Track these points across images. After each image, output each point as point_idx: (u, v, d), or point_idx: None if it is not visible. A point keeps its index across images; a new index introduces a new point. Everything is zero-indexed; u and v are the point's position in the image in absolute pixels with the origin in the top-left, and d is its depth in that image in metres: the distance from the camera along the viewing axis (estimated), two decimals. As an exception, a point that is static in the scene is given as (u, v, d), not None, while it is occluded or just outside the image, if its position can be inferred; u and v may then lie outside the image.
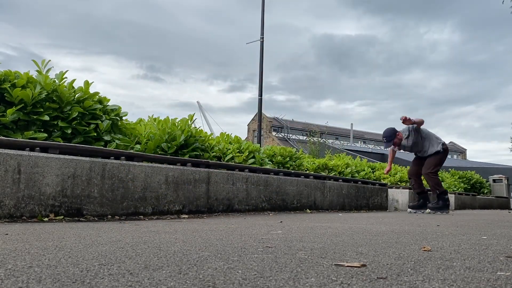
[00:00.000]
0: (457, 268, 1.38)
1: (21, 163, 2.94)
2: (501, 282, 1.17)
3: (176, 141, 4.82)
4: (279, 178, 5.44)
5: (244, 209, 4.83)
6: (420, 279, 1.19)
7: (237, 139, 6.30)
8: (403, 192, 8.93)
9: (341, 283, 1.11)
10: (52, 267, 1.23)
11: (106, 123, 4.22)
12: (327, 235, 2.40)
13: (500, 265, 1.46)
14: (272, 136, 42.91)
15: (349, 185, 6.97)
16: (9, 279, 1.07)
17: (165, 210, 3.91)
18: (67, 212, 3.18)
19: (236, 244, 1.89)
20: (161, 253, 1.57)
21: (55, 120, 3.87)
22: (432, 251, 1.81)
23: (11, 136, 3.55)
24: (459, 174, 15.38)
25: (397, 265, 1.41)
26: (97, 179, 3.38)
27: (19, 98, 3.67)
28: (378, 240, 2.22)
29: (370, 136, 52.03)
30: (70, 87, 4.14)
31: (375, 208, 7.63)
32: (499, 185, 16.74)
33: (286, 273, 1.23)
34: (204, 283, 1.08)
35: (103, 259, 1.40)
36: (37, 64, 4.12)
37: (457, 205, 11.49)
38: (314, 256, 1.57)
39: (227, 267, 1.30)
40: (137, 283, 1.07)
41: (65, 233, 2.16)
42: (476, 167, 27.04)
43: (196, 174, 4.25)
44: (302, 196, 5.84)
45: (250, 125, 44.87)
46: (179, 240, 2.00)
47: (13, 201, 2.88)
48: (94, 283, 1.05)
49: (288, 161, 7.33)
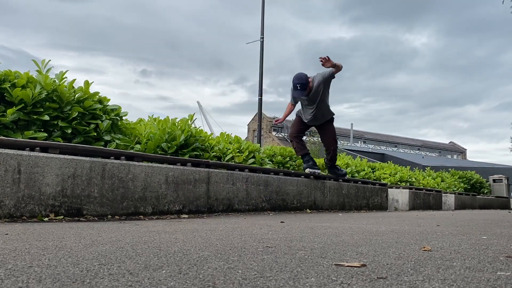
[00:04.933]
0: (457, 268, 1.38)
1: (21, 163, 2.94)
2: (501, 282, 1.17)
3: (176, 141, 4.82)
4: (279, 178, 5.44)
5: (244, 209, 4.83)
6: (420, 279, 1.19)
7: (237, 139, 6.30)
8: (403, 192, 8.93)
9: (341, 283, 1.11)
10: (52, 267, 1.23)
11: (106, 123, 4.22)
12: (327, 235, 2.40)
13: (500, 265, 1.46)
14: (272, 136, 42.91)
15: (349, 185, 6.97)
16: (9, 279, 1.07)
17: (165, 210, 3.91)
18: (67, 212, 3.18)
19: (236, 244, 1.89)
20: (161, 253, 1.57)
21: (55, 120, 3.87)
22: (432, 251, 1.81)
23: (11, 136, 3.55)
24: (459, 174, 15.38)
25: (397, 265, 1.41)
26: (97, 179, 3.38)
27: (19, 98, 3.66)
28: (378, 240, 2.22)
29: (370, 136, 52.03)
30: (70, 87, 4.14)
31: (375, 208, 7.63)
32: (499, 185, 16.76)
33: (286, 273, 1.22)
34: (204, 283, 1.08)
35: (103, 259, 1.40)
36: (37, 64, 4.12)
37: (457, 205, 11.49)
38: (314, 256, 1.57)
39: (227, 267, 1.30)
40: (137, 283, 1.07)
41: (65, 233, 2.15)
42: (476, 167, 27.04)
43: (196, 174, 4.25)
44: (302, 196, 5.84)
45: (250, 125, 44.86)
46: (179, 240, 2.00)
47: (13, 201, 2.88)
48: (94, 283, 1.05)
49: (288, 161, 7.33)
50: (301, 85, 5.38)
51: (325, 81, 5.50)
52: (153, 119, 5.23)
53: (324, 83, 5.51)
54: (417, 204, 9.19)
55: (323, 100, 5.65)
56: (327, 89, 5.63)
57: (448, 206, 11.24)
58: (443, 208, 10.76)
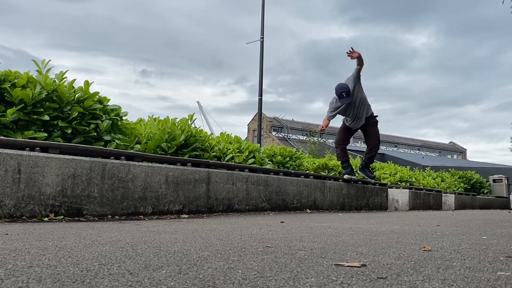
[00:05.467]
0: (457, 268, 1.38)
1: (21, 163, 2.94)
2: (501, 282, 1.17)
3: (176, 141, 4.82)
4: (279, 178, 5.44)
5: (244, 209, 4.83)
6: (420, 279, 1.19)
7: (237, 139, 6.30)
8: (403, 192, 8.93)
9: (341, 283, 1.11)
10: (52, 267, 1.23)
11: (106, 123, 4.22)
12: (327, 235, 2.40)
13: (500, 265, 1.46)
14: (272, 136, 42.90)
15: (349, 185, 6.97)
16: (9, 279, 1.07)
17: (165, 210, 3.91)
18: (67, 212, 3.17)
19: (236, 244, 1.89)
20: (161, 253, 1.57)
21: (55, 120, 3.87)
22: (432, 251, 1.81)
23: (11, 136, 3.55)
24: (459, 174, 15.38)
25: (397, 265, 1.41)
26: (97, 179, 3.38)
27: (19, 98, 3.66)
28: (378, 240, 2.22)
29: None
30: (70, 87, 4.14)
31: (375, 208, 7.63)
32: (499, 185, 16.76)
33: (286, 273, 1.22)
34: (204, 283, 1.08)
35: (103, 259, 1.40)
36: (37, 64, 4.11)
37: (457, 205, 11.49)
38: (314, 256, 1.57)
39: (227, 267, 1.30)
40: (137, 283, 1.07)
41: (65, 233, 2.15)
42: (476, 167, 27.04)
43: (196, 174, 4.25)
44: (302, 196, 5.84)
45: (250, 125, 44.86)
46: (179, 240, 2.00)
47: (13, 201, 2.88)
48: (94, 283, 1.05)
49: (288, 161, 7.33)
50: (346, 92, 6.04)
51: (355, 82, 6.08)
52: (153, 119, 5.23)
53: (356, 84, 6.09)
54: (417, 204, 9.19)
55: (359, 98, 6.18)
56: (361, 89, 6.17)
57: (448, 206, 11.24)
58: (443, 208, 10.76)
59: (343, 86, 6.01)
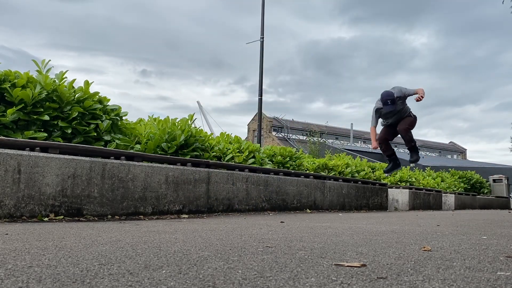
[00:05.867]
0: (457, 268, 1.38)
1: (21, 163, 2.94)
2: (501, 282, 1.17)
3: (176, 141, 4.82)
4: (279, 178, 5.44)
5: (244, 209, 4.83)
6: (420, 279, 1.19)
7: (237, 139, 6.29)
8: (403, 192, 8.93)
9: (341, 283, 1.11)
10: (52, 267, 1.23)
11: (106, 123, 4.22)
12: (327, 235, 2.40)
13: (500, 265, 1.46)
14: (272, 136, 42.90)
15: (349, 185, 6.97)
16: (9, 279, 1.07)
17: (165, 210, 3.91)
18: (67, 212, 3.17)
19: (236, 244, 1.89)
20: (161, 253, 1.57)
21: (55, 120, 3.87)
22: (432, 251, 1.81)
23: (11, 136, 3.55)
24: (459, 174, 15.38)
25: (397, 265, 1.41)
26: (97, 179, 3.38)
27: (19, 98, 3.66)
28: (378, 240, 2.22)
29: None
30: (70, 87, 4.14)
31: (375, 208, 7.63)
32: (499, 185, 16.76)
33: (286, 273, 1.22)
34: (204, 283, 1.08)
35: (103, 259, 1.40)
36: (37, 64, 4.11)
37: (457, 205, 11.49)
38: (314, 256, 1.57)
39: (227, 267, 1.30)
40: (137, 283, 1.07)
41: (65, 233, 2.15)
42: (476, 167, 27.04)
43: (196, 174, 4.25)
44: (302, 196, 5.84)
45: (250, 125, 44.86)
46: (179, 240, 2.00)
47: (13, 201, 2.88)
48: (94, 283, 1.05)
49: (288, 161, 7.33)
50: (391, 100, 6.40)
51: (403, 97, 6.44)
52: (153, 119, 5.23)
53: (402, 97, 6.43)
54: (417, 204, 9.19)
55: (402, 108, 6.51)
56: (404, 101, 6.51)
57: (448, 206, 11.24)
58: (443, 208, 10.77)
59: (389, 94, 6.38)
